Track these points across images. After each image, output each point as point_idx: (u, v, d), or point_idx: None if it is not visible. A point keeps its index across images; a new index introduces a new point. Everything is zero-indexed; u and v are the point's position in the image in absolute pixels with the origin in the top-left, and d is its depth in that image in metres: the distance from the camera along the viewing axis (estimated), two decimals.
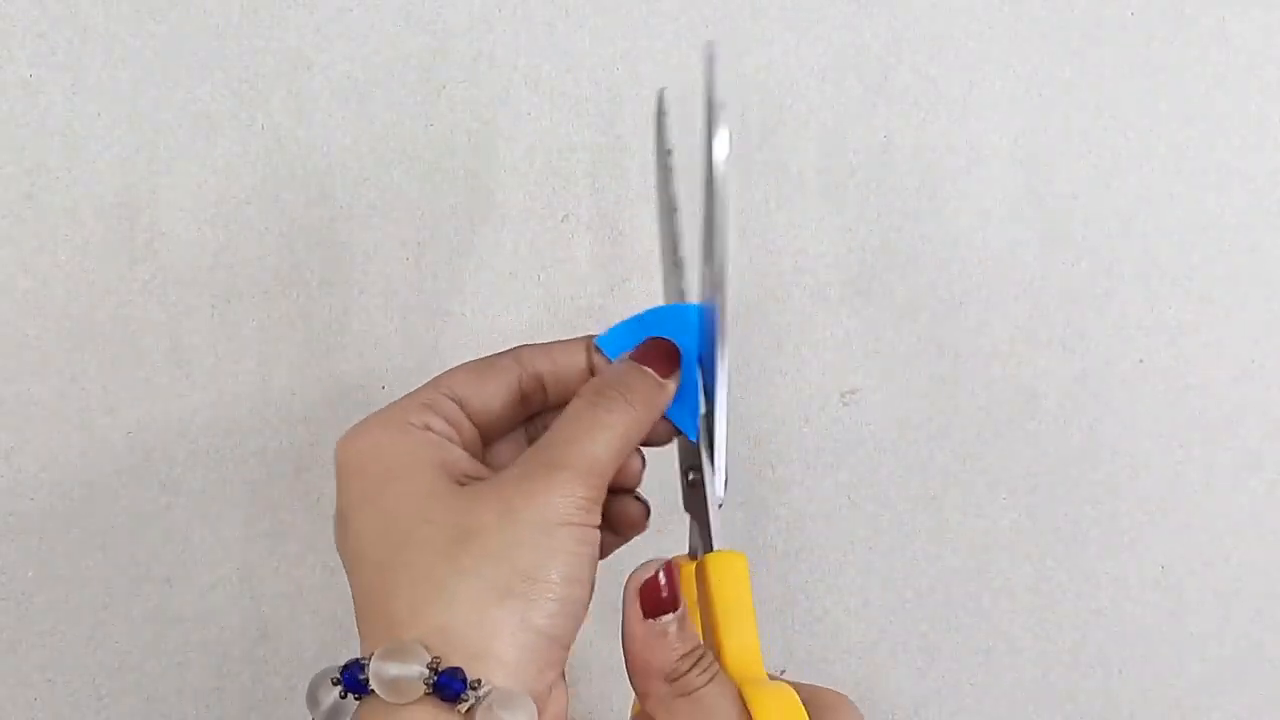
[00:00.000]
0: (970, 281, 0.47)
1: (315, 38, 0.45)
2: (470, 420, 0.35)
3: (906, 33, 0.47)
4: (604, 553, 0.38)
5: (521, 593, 0.30)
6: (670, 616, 0.34)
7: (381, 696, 0.29)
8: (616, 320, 0.47)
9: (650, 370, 0.36)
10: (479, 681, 0.29)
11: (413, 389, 0.35)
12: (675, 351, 0.37)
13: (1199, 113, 0.48)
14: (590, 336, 0.37)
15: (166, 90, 0.44)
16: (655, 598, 0.34)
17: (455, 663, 0.29)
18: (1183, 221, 0.48)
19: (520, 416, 0.37)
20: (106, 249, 0.44)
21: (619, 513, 0.37)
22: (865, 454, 0.47)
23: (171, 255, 0.44)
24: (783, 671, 0.46)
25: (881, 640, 0.47)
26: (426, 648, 0.29)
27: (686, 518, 0.37)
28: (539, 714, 0.30)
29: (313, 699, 0.31)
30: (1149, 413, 0.48)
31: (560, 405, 0.37)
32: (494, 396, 0.36)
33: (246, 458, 0.44)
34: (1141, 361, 0.48)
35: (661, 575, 0.34)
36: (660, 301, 0.41)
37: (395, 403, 0.35)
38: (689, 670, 0.33)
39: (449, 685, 0.29)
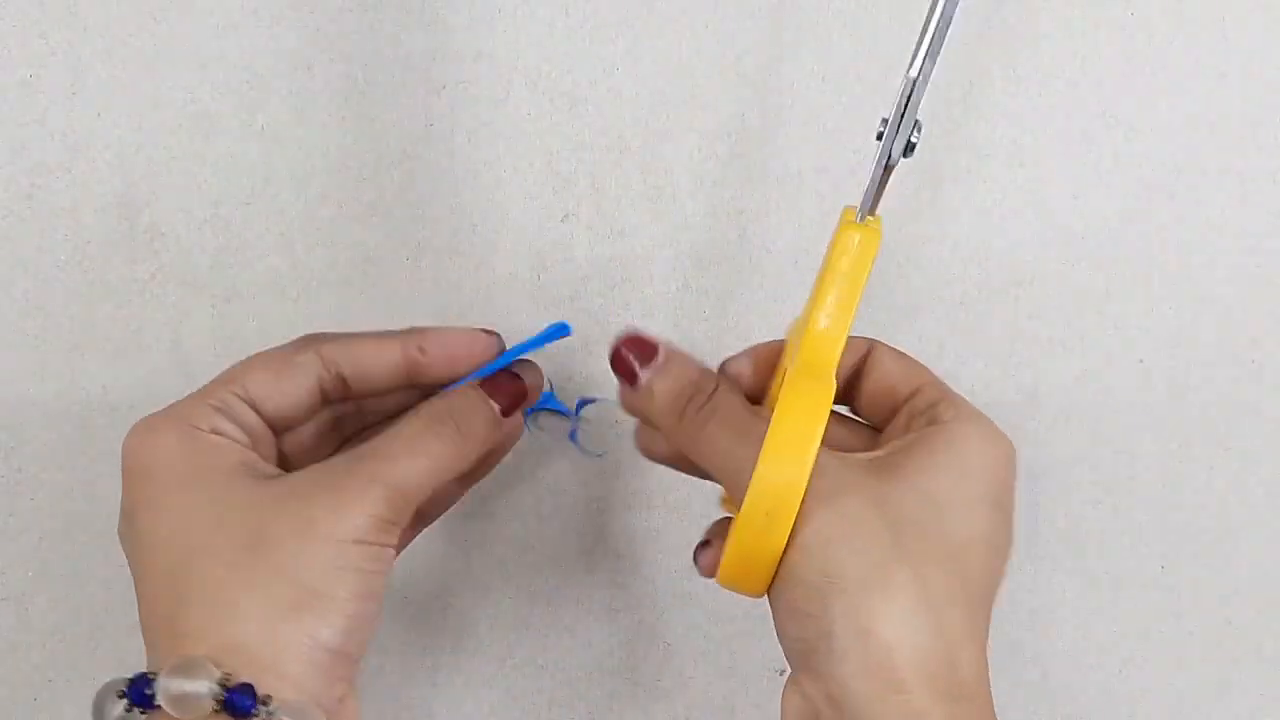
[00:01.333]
0: (970, 282, 0.47)
1: (315, 38, 0.45)
2: (264, 420, 0.35)
3: (907, 34, 0.47)
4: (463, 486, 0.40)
5: (311, 609, 0.30)
6: (645, 373, 0.35)
7: (169, 712, 0.29)
8: (616, 321, 0.47)
9: (494, 405, 0.36)
10: (269, 697, 0.29)
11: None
12: (523, 393, 0.37)
13: (1199, 113, 0.48)
14: (411, 333, 0.37)
15: (166, 90, 0.44)
16: (627, 368, 0.35)
17: (244, 678, 0.29)
18: (1183, 222, 0.48)
19: (315, 412, 0.37)
20: (106, 249, 0.44)
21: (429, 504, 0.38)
22: None
23: (171, 255, 0.44)
24: (782, 672, 0.46)
25: None
26: (216, 663, 0.29)
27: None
28: None
29: (98, 712, 0.30)
30: (1149, 413, 0.48)
31: (365, 396, 0.37)
32: (290, 395, 0.35)
33: None
34: (1142, 362, 0.48)
35: (623, 347, 0.35)
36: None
37: (183, 401, 0.34)
38: (685, 409, 0.34)
39: (239, 702, 0.28)
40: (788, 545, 0.31)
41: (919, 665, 0.30)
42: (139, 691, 0.29)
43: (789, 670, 0.33)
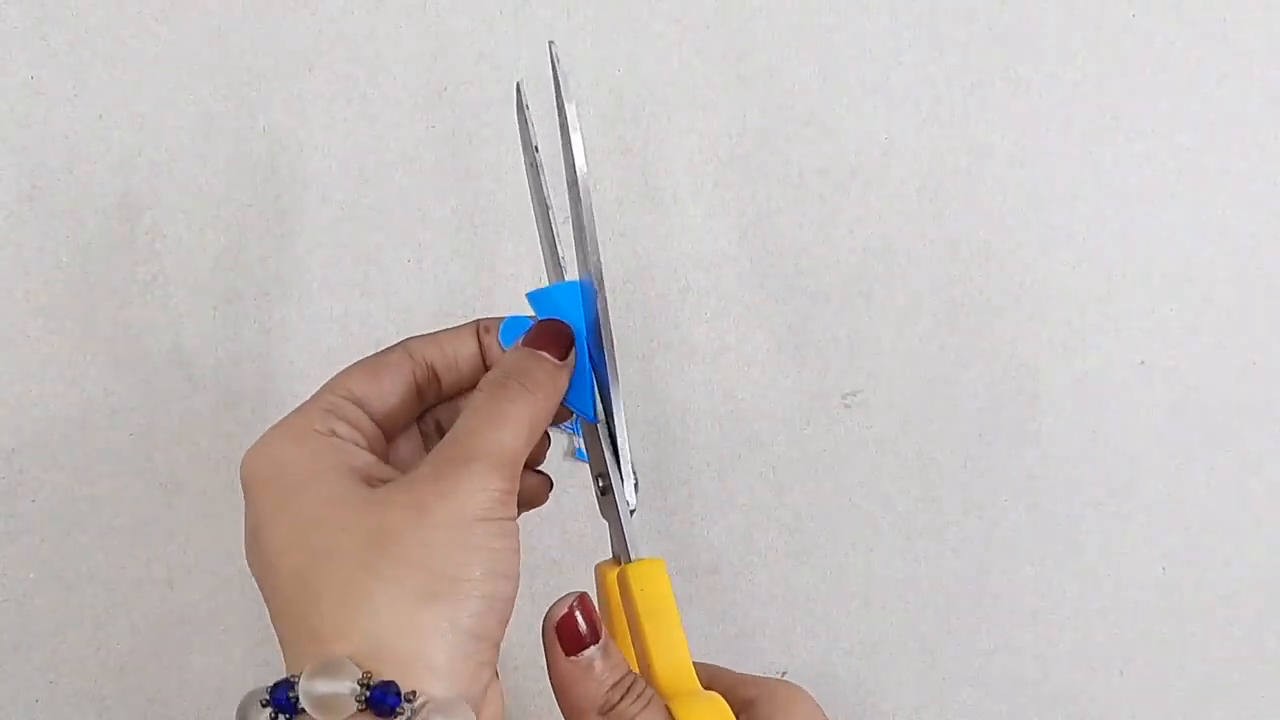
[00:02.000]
0: (971, 283, 0.47)
1: (316, 40, 0.45)
2: (371, 420, 0.35)
3: (907, 34, 0.47)
4: None
5: (445, 594, 0.29)
6: (593, 650, 0.33)
7: (313, 716, 0.28)
8: (618, 323, 0.47)
9: (545, 354, 0.35)
10: (414, 694, 0.28)
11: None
12: (567, 332, 0.36)
13: (1200, 113, 0.48)
14: (477, 321, 0.37)
15: (168, 92, 0.44)
16: (573, 634, 0.34)
17: (386, 675, 0.28)
18: (1183, 223, 0.48)
19: (417, 410, 0.37)
20: (108, 250, 0.44)
21: (522, 488, 0.37)
22: (866, 455, 0.47)
23: (173, 257, 0.44)
24: (783, 673, 0.46)
25: (882, 642, 0.47)
26: (356, 662, 0.28)
27: (604, 523, 0.36)
28: (476, 716, 0.30)
29: None
30: (1150, 414, 0.48)
31: (454, 395, 0.37)
32: (391, 393, 0.35)
33: None
34: (1142, 363, 0.48)
35: (577, 611, 0.34)
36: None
37: (295, 411, 0.34)
38: (620, 700, 0.33)
39: (383, 700, 0.28)
40: None
41: None
42: (282, 697, 0.29)
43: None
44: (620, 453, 0.36)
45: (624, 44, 0.46)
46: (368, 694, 0.28)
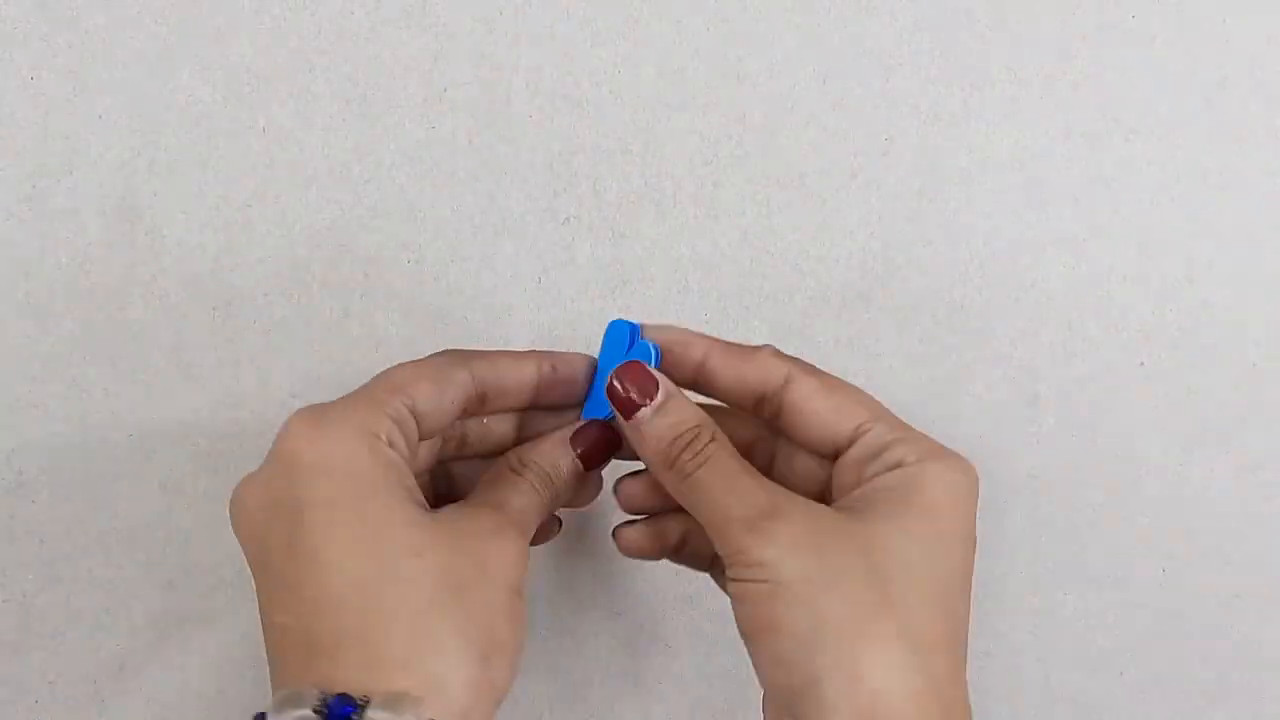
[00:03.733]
0: (971, 285, 0.47)
1: (316, 40, 0.45)
2: (418, 435, 0.34)
3: (907, 35, 0.47)
4: None
5: (497, 657, 0.30)
6: (645, 410, 0.34)
7: None
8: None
9: (579, 460, 0.36)
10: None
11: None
12: (605, 442, 0.37)
13: (1200, 115, 0.48)
14: (539, 353, 0.37)
15: (168, 92, 0.44)
16: (626, 402, 0.34)
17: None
18: (1183, 224, 0.48)
19: (460, 430, 0.37)
20: (107, 251, 0.44)
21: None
22: None
23: (172, 258, 0.44)
24: None
25: None
26: (419, 699, 0.28)
27: None
28: None
29: None
30: (1150, 415, 0.48)
31: (491, 413, 0.37)
32: (446, 413, 0.34)
33: (248, 461, 0.44)
34: (1143, 364, 0.48)
35: (616, 381, 0.34)
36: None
37: (355, 403, 0.33)
38: (679, 455, 0.33)
39: None
40: (772, 596, 0.31)
41: (909, 712, 0.30)
42: (343, 714, 0.28)
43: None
44: None
45: (624, 44, 0.46)
46: None
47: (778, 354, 0.36)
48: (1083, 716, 0.48)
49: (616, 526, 0.38)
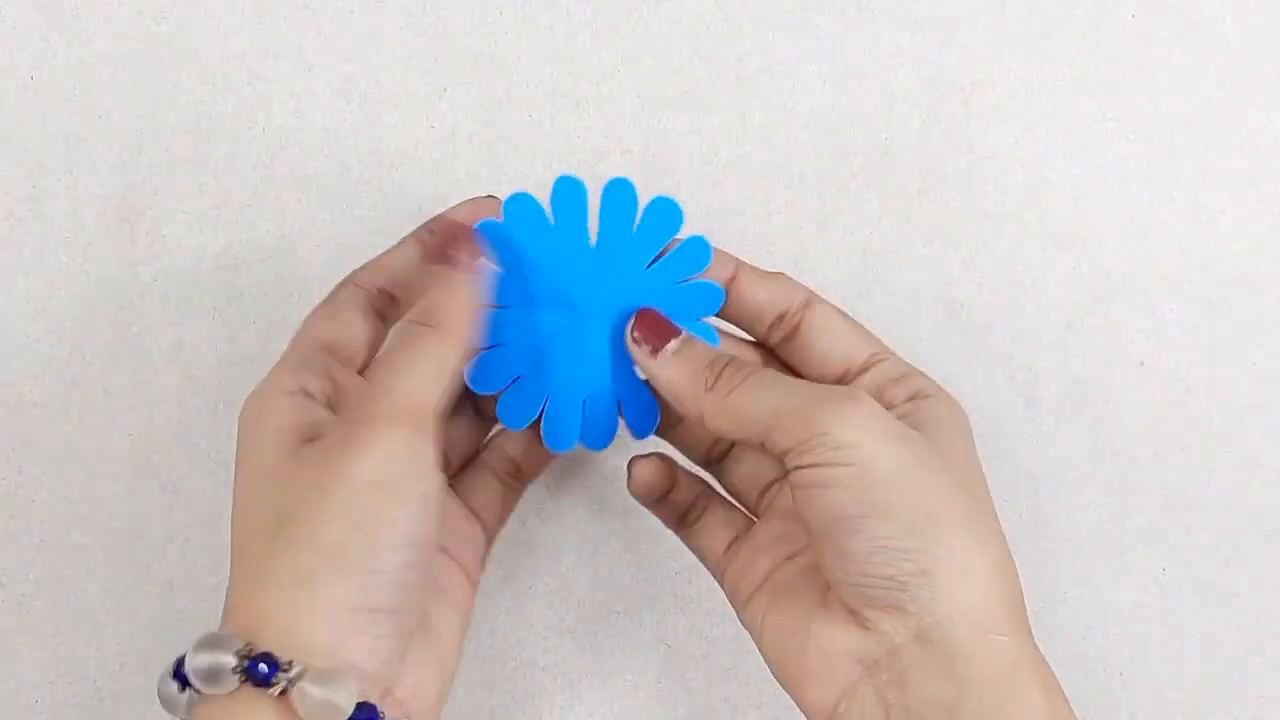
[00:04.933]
0: (971, 284, 0.47)
1: (317, 39, 0.45)
2: (344, 364, 0.35)
3: (907, 35, 0.47)
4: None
5: (324, 572, 0.29)
6: (674, 342, 0.35)
7: (199, 688, 0.29)
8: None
9: (442, 268, 0.34)
10: (290, 664, 0.28)
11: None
12: (463, 230, 0.34)
13: (1200, 114, 0.48)
14: (420, 228, 0.37)
15: (167, 92, 0.44)
16: (648, 333, 0.35)
17: (270, 648, 0.28)
18: (1183, 223, 0.48)
19: (384, 333, 0.37)
20: (107, 251, 0.44)
21: (449, 439, 0.37)
22: None
23: (172, 257, 0.44)
24: None
25: None
26: (244, 637, 0.29)
27: None
28: (391, 689, 0.30)
29: (161, 696, 0.31)
30: (1150, 415, 0.48)
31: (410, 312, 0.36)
32: (351, 325, 0.35)
33: None
34: (1142, 364, 0.48)
35: (631, 322, 0.35)
36: None
37: (274, 367, 0.34)
38: (722, 371, 0.34)
39: (256, 669, 0.28)
40: (865, 480, 0.31)
41: (1009, 607, 0.32)
42: (177, 671, 0.30)
43: None
44: None
45: (624, 44, 0.46)
46: (245, 664, 0.28)
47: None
48: (1083, 717, 0.48)
49: (632, 458, 0.38)
